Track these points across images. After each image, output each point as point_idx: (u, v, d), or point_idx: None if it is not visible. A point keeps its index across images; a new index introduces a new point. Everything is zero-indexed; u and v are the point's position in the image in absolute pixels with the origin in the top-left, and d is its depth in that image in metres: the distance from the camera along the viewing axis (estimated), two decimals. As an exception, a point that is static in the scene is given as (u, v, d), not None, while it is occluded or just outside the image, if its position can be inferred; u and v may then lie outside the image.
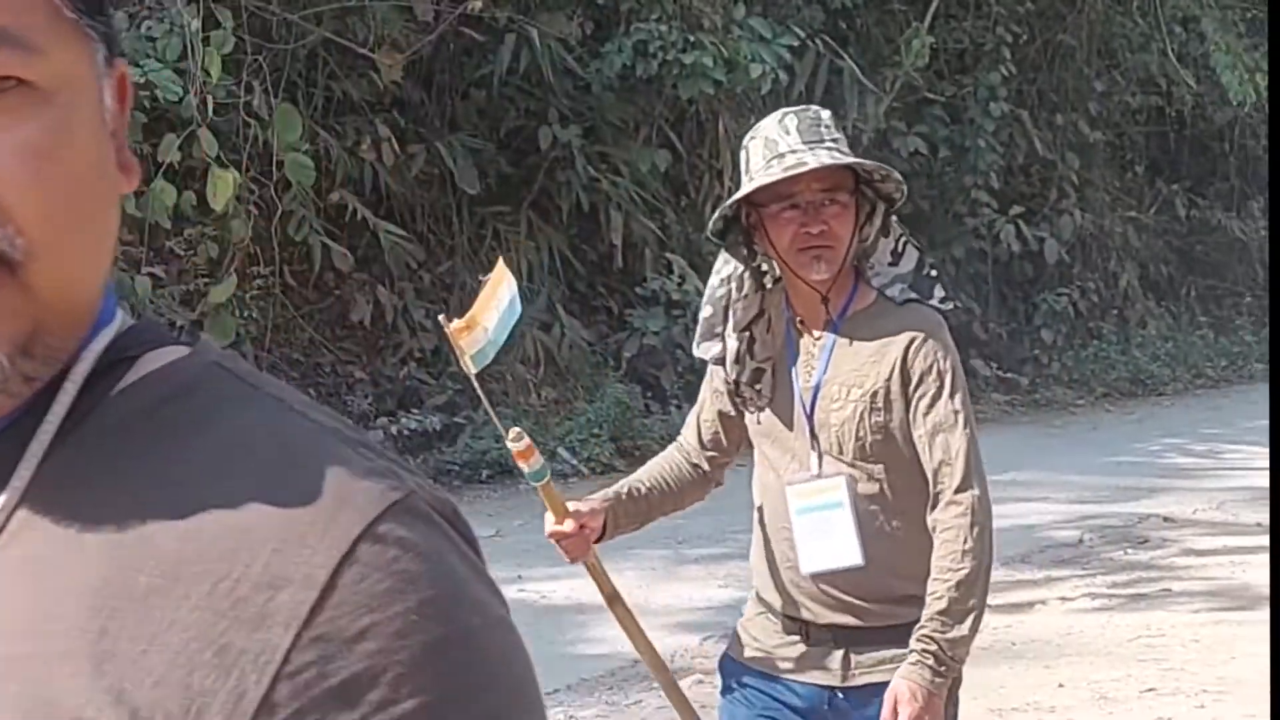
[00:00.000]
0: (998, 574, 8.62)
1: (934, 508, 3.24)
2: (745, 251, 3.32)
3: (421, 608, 0.86)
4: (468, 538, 0.93)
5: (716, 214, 3.30)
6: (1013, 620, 7.90)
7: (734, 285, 3.36)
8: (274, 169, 11.50)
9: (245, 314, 11.71)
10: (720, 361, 3.42)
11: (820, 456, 3.31)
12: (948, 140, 16.86)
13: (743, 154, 3.30)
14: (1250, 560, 8.89)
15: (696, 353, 3.49)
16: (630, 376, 13.58)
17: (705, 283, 3.52)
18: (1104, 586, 8.54)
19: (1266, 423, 14.14)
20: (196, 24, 10.95)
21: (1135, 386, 16.90)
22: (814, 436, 3.32)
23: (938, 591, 3.16)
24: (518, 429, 3.24)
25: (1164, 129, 19.92)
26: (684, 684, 6.74)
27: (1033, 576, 8.78)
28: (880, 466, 3.29)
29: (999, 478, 11.53)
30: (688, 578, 8.81)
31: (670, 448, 3.63)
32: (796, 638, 3.38)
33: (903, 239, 3.34)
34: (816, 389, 3.31)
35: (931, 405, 3.25)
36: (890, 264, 3.33)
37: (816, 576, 3.32)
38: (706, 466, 3.56)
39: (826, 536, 3.30)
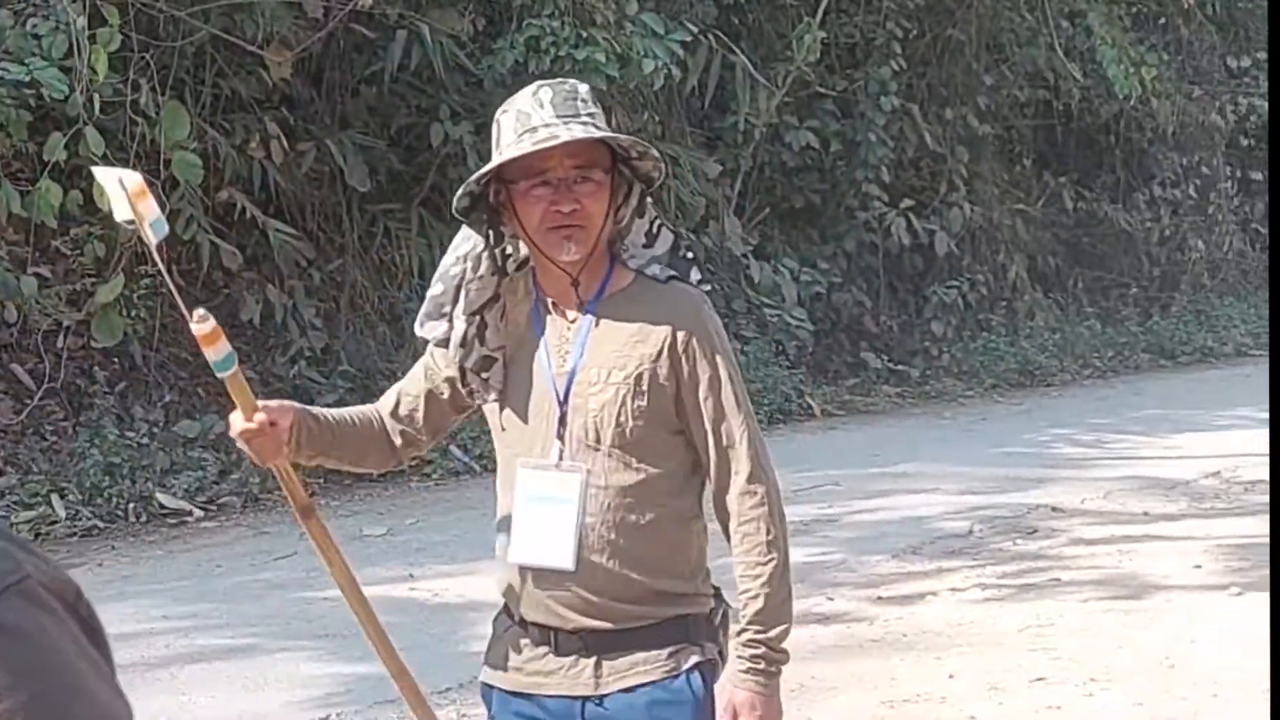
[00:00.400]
0: (890, 565, 8.77)
1: (721, 498, 3.13)
2: (491, 231, 3.15)
3: (31, 703, 0.83)
4: (88, 622, 0.90)
5: (461, 189, 3.10)
6: (904, 612, 7.96)
7: (469, 265, 3.19)
8: (161, 167, 11.36)
9: (133, 314, 11.57)
10: (444, 344, 3.23)
11: (564, 447, 3.13)
12: (839, 134, 16.96)
13: (494, 127, 3.12)
14: (1137, 549, 9.01)
15: (419, 332, 3.29)
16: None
17: None
18: (994, 577, 8.61)
19: (1152, 412, 14.45)
20: (82, 21, 10.80)
21: (1024, 377, 17.06)
22: (562, 424, 3.13)
23: (751, 590, 3.08)
24: (202, 310, 3.01)
25: (1051, 122, 20.11)
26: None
27: (924, 568, 8.84)
28: (640, 454, 3.12)
29: (890, 470, 11.76)
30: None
31: (369, 406, 3.41)
32: (545, 649, 3.19)
33: (657, 221, 3.20)
34: (572, 374, 3.14)
35: (709, 391, 3.11)
36: (645, 245, 3.18)
37: (525, 569, 3.15)
38: (396, 440, 3.35)
39: (546, 531, 3.13)
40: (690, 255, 3.24)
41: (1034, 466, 11.66)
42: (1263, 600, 7.80)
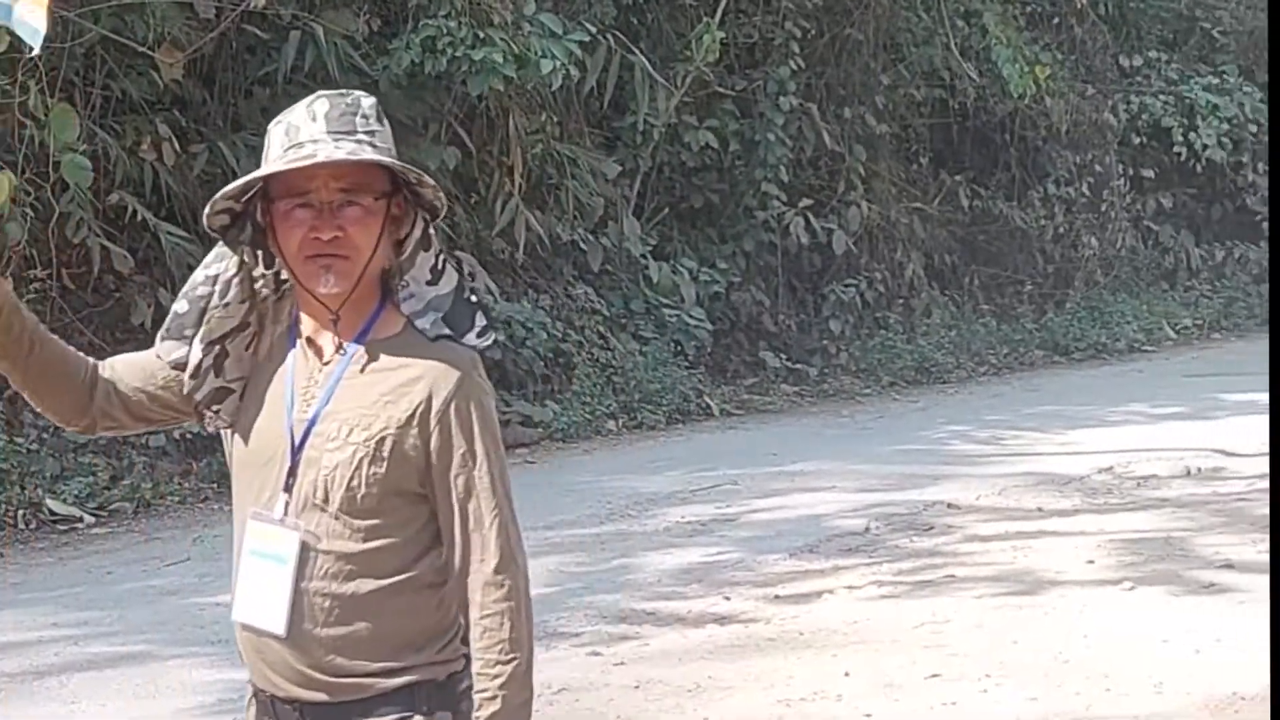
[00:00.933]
0: (787, 564, 8.77)
1: (463, 580, 2.83)
2: (256, 252, 2.84)
3: None
4: None
5: (216, 202, 2.81)
6: (800, 610, 7.97)
7: (217, 290, 2.89)
8: (50, 170, 11.20)
9: (22, 318, 11.39)
10: (179, 367, 2.92)
11: (290, 502, 2.83)
12: (738, 134, 17.00)
13: (266, 139, 2.82)
14: (1032, 545, 9.07)
15: (157, 349, 2.96)
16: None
17: (495, 281, 3.28)
18: (890, 574, 8.64)
19: (1046, 409, 14.57)
20: (-33, 22, 10.63)
21: (920, 375, 17.16)
22: (291, 475, 2.83)
23: (489, 691, 2.79)
24: None
25: (947, 121, 20.23)
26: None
27: (820, 566, 8.85)
28: (370, 523, 2.81)
29: (787, 468, 11.78)
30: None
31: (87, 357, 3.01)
32: (266, 718, 2.92)
33: (442, 256, 2.89)
34: (312, 422, 2.83)
35: (461, 468, 2.82)
36: (429, 282, 2.87)
37: (246, 628, 2.89)
38: (98, 399, 2.95)
39: (263, 590, 2.85)
40: (474, 299, 2.92)
41: (930, 463, 11.73)
42: (1155, 595, 7.90)
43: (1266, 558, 8.56)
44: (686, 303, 15.76)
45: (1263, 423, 12.20)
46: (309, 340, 2.87)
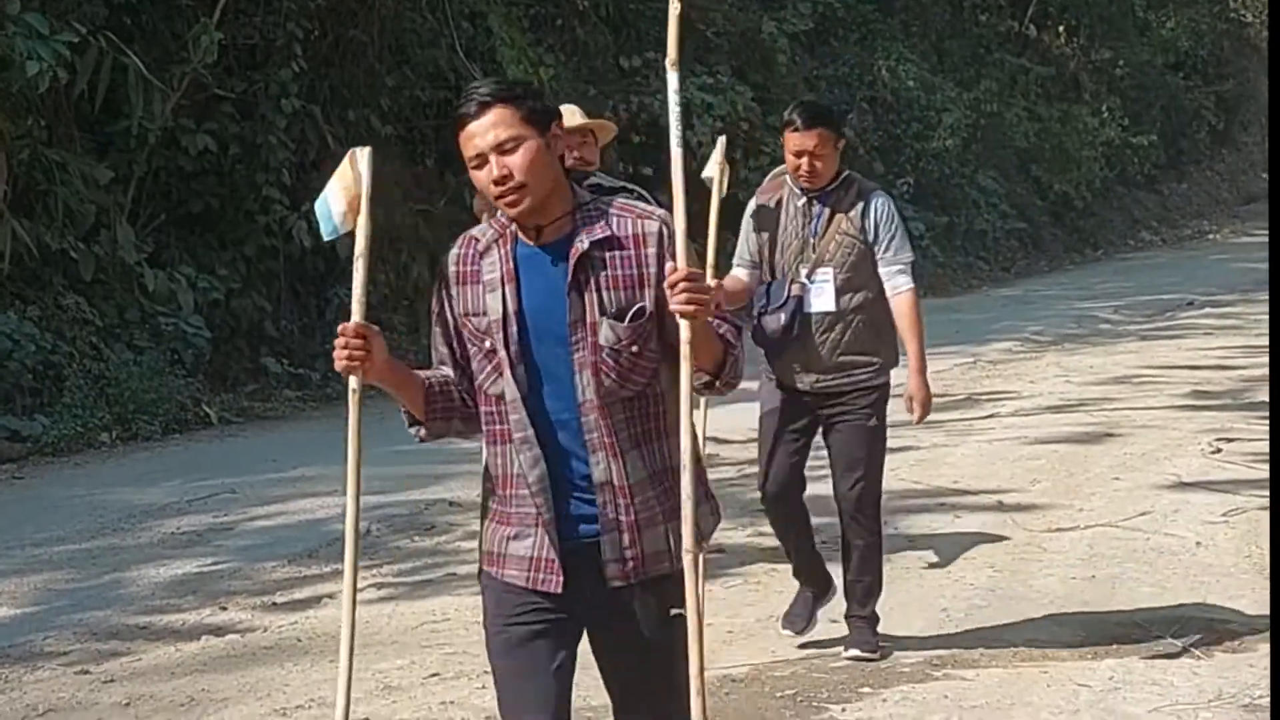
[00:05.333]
0: (285, 571, 8.67)
1: None
2: None
3: None
4: None
5: None
6: (298, 617, 7.92)
7: None
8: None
9: None
10: None
11: None
12: (239, 137, 16.65)
13: None
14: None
15: None
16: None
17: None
18: (390, 575, 8.67)
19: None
20: None
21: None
22: None
23: None
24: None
25: (453, 122, 20.31)
26: None
27: (320, 571, 8.81)
28: None
29: (288, 474, 11.64)
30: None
31: None
32: None
33: None
34: None
35: None
36: None
37: None
38: None
39: None
40: None
41: (433, 463, 11.70)
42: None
43: (756, 540, 8.95)
44: (184, 310, 15.35)
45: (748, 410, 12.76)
46: None
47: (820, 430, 6.96)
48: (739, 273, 7.04)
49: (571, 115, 7.08)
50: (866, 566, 6.95)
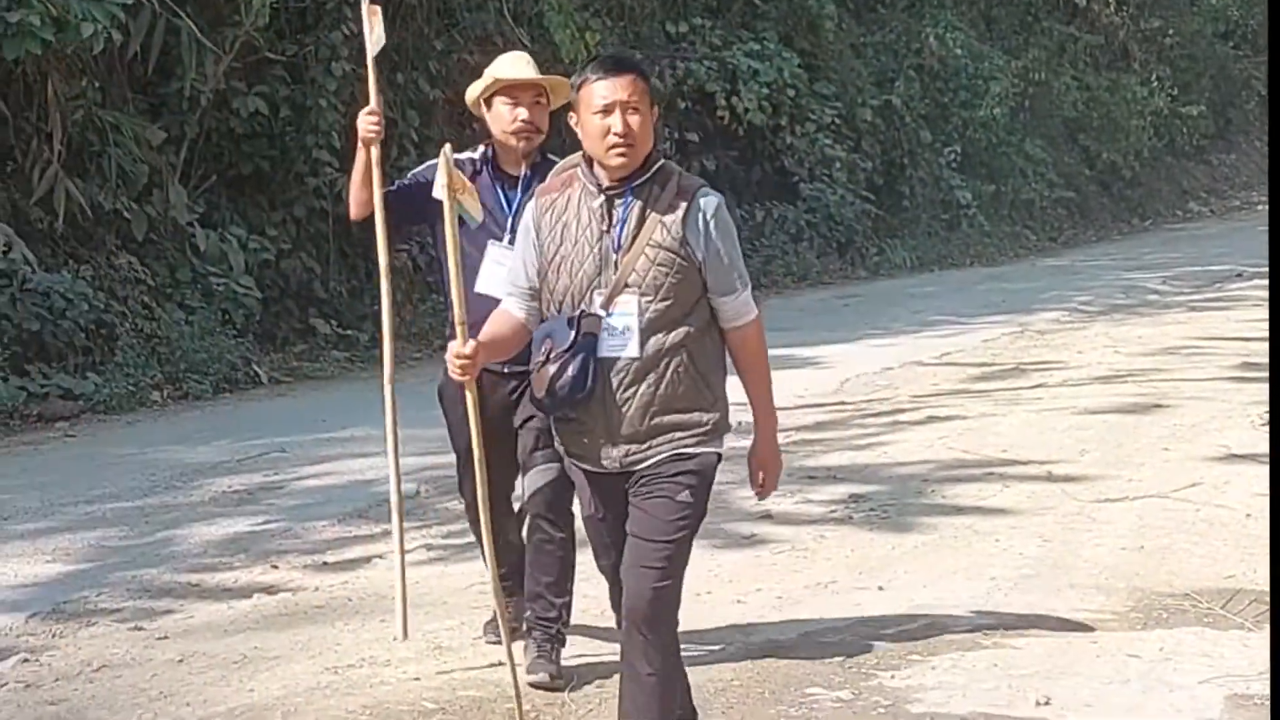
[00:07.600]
0: (335, 530, 8.73)
1: None
2: None
3: None
4: None
5: None
6: (349, 576, 7.96)
7: None
8: None
9: None
10: None
11: None
12: (289, 100, 16.69)
13: None
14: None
15: None
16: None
17: (34, 251, 3.19)
18: (440, 536, 8.71)
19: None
20: None
21: (472, 341, 17.18)
22: None
23: None
24: None
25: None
26: (8, 664, 6.48)
27: (370, 531, 8.85)
28: None
29: (337, 435, 11.69)
30: (11, 554, 8.44)
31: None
32: None
33: None
34: None
35: None
36: None
37: None
38: None
39: None
40: None
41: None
42: (697, 550, 8.11)
43: (804, 508, 8.96)
44: (235, 271, 15.44)
45: (820, 376, 12.72)
46: None
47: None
48: (511, 307, 5.09)
49: (520, 65, 6.18)
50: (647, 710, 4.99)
